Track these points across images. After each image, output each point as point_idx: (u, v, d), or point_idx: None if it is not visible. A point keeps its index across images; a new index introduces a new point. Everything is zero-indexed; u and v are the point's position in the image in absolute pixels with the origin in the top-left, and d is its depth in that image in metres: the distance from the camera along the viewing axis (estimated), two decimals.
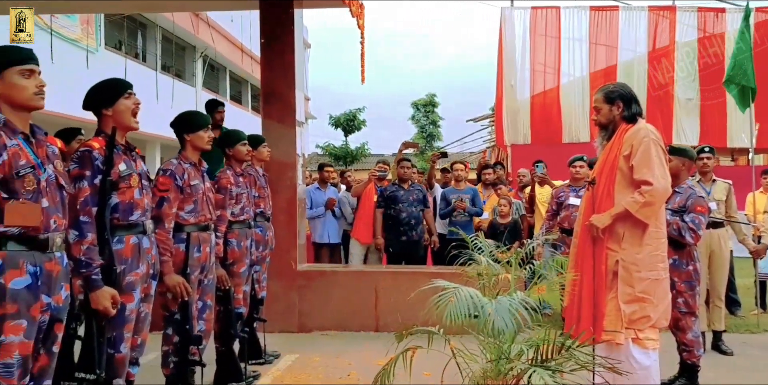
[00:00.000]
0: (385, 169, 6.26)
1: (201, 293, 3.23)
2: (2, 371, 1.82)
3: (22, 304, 1.85)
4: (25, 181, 1.88)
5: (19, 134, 1.94)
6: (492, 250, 3.38)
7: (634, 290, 2.92)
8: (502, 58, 8.78)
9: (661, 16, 8.66)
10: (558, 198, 5.11)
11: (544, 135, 8.78)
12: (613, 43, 8.74)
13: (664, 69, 8.62)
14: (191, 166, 3.15)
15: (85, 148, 2.44)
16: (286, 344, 4.57)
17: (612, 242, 2.98)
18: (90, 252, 2.32)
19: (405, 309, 4.78)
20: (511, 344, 2.36)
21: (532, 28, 8.81)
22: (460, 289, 2.44)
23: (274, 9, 5.22)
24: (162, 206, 2.91)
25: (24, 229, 1.88)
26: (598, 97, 3.15)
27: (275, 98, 5.21)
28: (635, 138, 2.98)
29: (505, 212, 5.76)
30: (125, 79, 2.64)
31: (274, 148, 4.63)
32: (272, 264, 4.50)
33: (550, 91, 8.82)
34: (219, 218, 3.45)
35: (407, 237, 5.72)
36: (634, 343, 2.94)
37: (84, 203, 2.36)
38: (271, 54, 5.25)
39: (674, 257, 3.55)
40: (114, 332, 2.46)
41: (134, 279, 2.52)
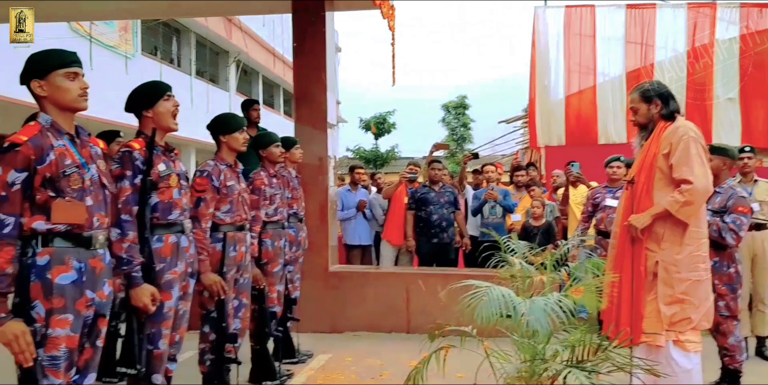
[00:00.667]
0: (415, 171, 6.27)
1: (237, 292, 3.29)
2: (49, 364, 1.89)
3: (68, 299, 1.92)
4: (71, 180, 1.95)
5: (65, 135, 2.01)
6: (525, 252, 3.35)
7: (674, 291, 2.87)
8: (535, 58, 8.67)
9: (700, 12, 8.42)
10: (594, 199, 5.02)
11: (579, 136, 8.63)
12: (650, 41, 8.53)
13: (703, 67, 8.38)
14: (227, 167, 3.21)
15: (126, 148, 2.51)
16: (319, 344, 4.61)
17: (651, 242, 2.93)
18: (131, 250, 2.39)
19: (437, 311, 4.78)
20: (546, 344, 2.33)
21: (567, 27, 8.67)
22: (492, 288, 2.42)
23: (306, 13, 5.28)
24: (199, 206, 2.97)
25: (69, 226, 1.94)
26: (635, 97, 3.09)
27: (307, 101, 5.27)
28: (674, 136, 2.93)
29: (538, 214, 5.69)
30: (165, 82, 2.71)
31: (306, 150, 4.69)
32: (305, 265, 4.55)
33: (586, 91, 8.66)
34: (253, 219, 3.50)
35: (438, 239, 5.70)
36: (675, 345, 2.88)
37: (125, 202, 2.43)
38: (303, 57, 5.31)
39: (715, 258, 3.45)
40: (153, 328, 2.52)
41: (173, 277, 2.57)
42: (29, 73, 2.00)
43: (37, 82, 1.99)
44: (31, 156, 1.89)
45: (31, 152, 1.88)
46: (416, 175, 6.23)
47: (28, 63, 2.01)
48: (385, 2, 5.56)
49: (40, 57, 2.01)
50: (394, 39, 6.18)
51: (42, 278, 1.89)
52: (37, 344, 1.87)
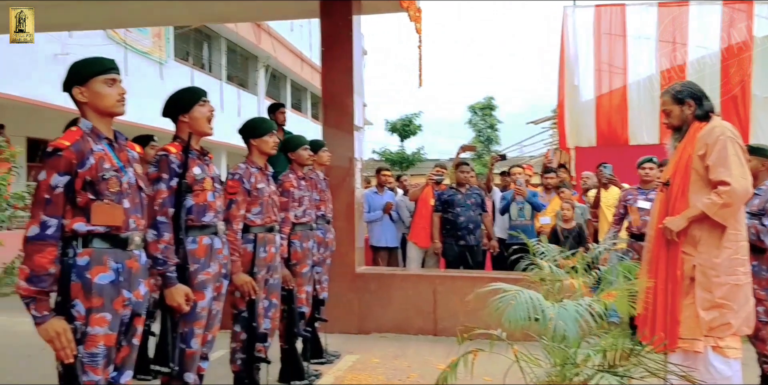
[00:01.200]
0: (442, 173, 6.27)
1: (267, 292, 3.34)
2: (89, 361, 1.95)
3: (106, 298, 1.97)
4: (109, 183, 2.01)
5: (104, 140, 2.08)
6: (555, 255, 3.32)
7: (713, 296, 2.80)
8: (564, 58, 8.58)
9: (736, 9, 8.21)
10: (625, 201, 4.95)
11: (609, 137, 8.49)
12: (683, 39, 8.35)
13: (739, 66, 8.17)
14: (258, 170, 3.27)
15: (163, 152, 2.58)
16: (346, 345, 4.64)
17: (688, 245, 2.87)
18: (167, 251, 2.45)
19: (464, 313, 4.78)
20: (577, 349, 2.31)
21: (596, 26, 8.55)
22: (520, 291, 2.41)
23: (334, 17, 5.33)
24: (231, 208, 3.03)
25: (108, 228, 2.00)
26: (666, 100, 3.03)
27: (334, 104, 5.32)
28: (710, 136, 2.86)
29: (568, 217, 5.62)
30: (201, 88, 2.77)
31: (333, 152, 4.73)
32: (332, 266, 4.58)
33: (616, 92, 8.52)
34: (283, 220, 3.55)
35: (465, 241, 5.68)
36: (714, 351, 2.81)
37: (162, 205, 2.49)
38: (330, 61, 5.36)
39: (754, 262, 3.32)
40: (186, 328, 2.57)
41: (206, 278, 2.63)
42: (71, 80, 2.07)
43: (78, 89, 2.06)
44: (72, 160, 1.95)
45: (73, 157, 1.95)
46: (443, 177, 6.22)
47: (70, 71, 2.08)
48: (412, 5, 5.58)
49: (81, 65, 2.08)
50: (420, 41, 6.20)
51: (82, 277, 1.95)
52: (77, 341, 1.93)
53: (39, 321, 1.89)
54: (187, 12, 6.39)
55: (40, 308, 1.89)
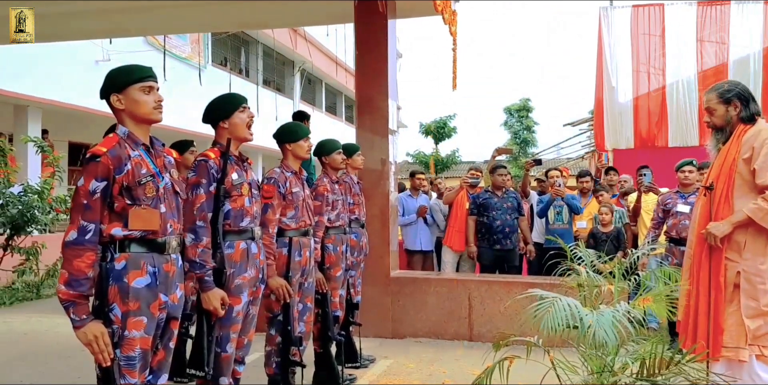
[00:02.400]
0: (477, 176, 6.21)
1: (301, 296, 3.36)
2: (125, 364, 1.98)
3: (143, 302, 2.01)
4: (146, 188, 2.05)
5: (140, 146, 2.12)
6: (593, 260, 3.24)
7: (759, 304, 2.71)
8: (602, 59, 8.45)
9: None
10: (665, 205, 4.82)
11: (648, 139, 8.31)
12: (724, 39, 8.12)
13: None
14: (292, 174, 3.29)
15: (202, 157, 2.63)
16: (380, 349, 4.63)
17: (732, 251, 2.78)
18: (204, 255, 2.49)
19: (500, 319, 4.72)
20: (614, 356, 2.25)
21: (634, 26, 8.39)
22: (558, 299, 2.37)
23: (369, 21, 5.34)
24: (267, 212, 3.06)
25: (145, 232, 2.05)
26: (711, 97, 2.93)
27: (369, 108, 5.32)
28: (756, 139, 2.77)
29: (606, 221, 5.49)
30: (241, 95, 2.81)
31: (367, 156, 4.74)
32: (366, 270, 4.58)
33: (655, 93, 8.33)
34: (316, 224, 3.57)
35: (501, 245, 5.62)
36: (758, 360, 2.72)
37: (200, 209, 2.53)
38: (365, 65, 5.38)
39: None
40: (221, 332, 2.61)
41: (242, 282, 2.66)
42: (108, 87, 2.12)
43: (116, 96, 2.10)
44: (110, 166, 1.99)
45: (110, 162, 1.99)
46: (478, 180, 6.17)
47: (108, 78, 2.13)
48: (447, 8, 5.55)
49: (119, 72, 2.13)
50: (455, 44, 6.15)
51: (119, 281, 1.99)
52: (114, 344, 1.96)
53: (77, 325, 1.93)
54: (224, 18, 6.50)
55: (78, 311, 1.93)
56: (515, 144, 25.04)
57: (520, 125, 26.09)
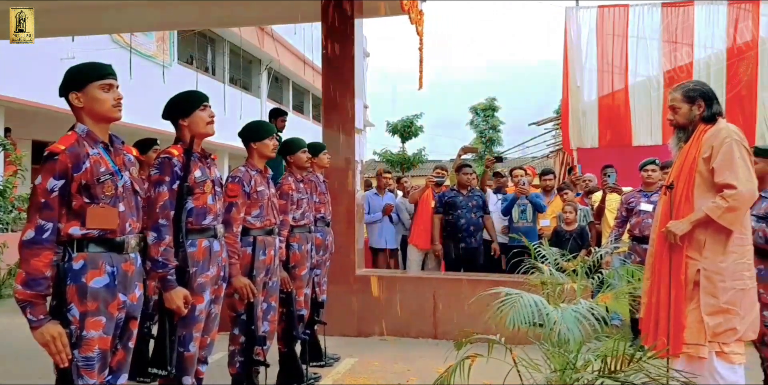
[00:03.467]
0: (442, 174, 6.25)
1: (266, 295, 3.33)
2: (83, 364, 1.94)
3: (101, 302, 1.97)
4: (105, 187, 2.01)
5: (99, 144, 2.08)
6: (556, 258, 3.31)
7: (718, 301, 2.75)
8: (568, 59, 8.56)
9: (742, 9, 8.16)
10: (628, 204, 4.89)
11: (612, 138, 8.47)
12: (688, 40, 8.30)
13: (746, 66, 8.11)
14: (257, 173, 3.27)
15: (165, 155, 2.58)
16: (346, 348, 4.63)
17: (692, 249, 2.81)
18: (167, 253, 2.45)
19: (464, 317, 4.77)
20: (577, 354, 2.28)
21: (599, 27, 8.53)
22: (523, 296, 2.40)
23: (335, 20, 5.33)
24: (231, 210, 3.02)
25: (103, 232, 2.00)
26: (676, 96, 2.96)
27: (335, 107, 5.32)
28: (716, 139, 2.81)
29: (570, 219, 5.59)
30: (202, 92, 2.77)
31: (333, 155, 4.73)
32: (332, 268, 4.58)
33: (619, 92, 8.49)
34: (281, 223, 3.55)
35: (466, 244, 5.67)
36: (718, 357, 2.76)
37: (163, 207, 2.49)
38: (331, 64, 5.37)
39: (760, 266, 3.28)
40: (184, 331, 2.57)
41: (205, 281, 2.63)
42: (68, 85, 2.07)
43: (75, 94, 2.06)
44: (68, 164, 1.95)
45: (68, 161, 1.95)
46: (443, 179, 6.20)
47: (67, 76, 2.09)
48: (413, 7, 5.58)
49: (78, 70, 2.08)
50: (422, 44, 6.19)
51: (77, 281, 1.95)
52: (72, 345, 1.92)
53: (34, 325, 1.88)
54: (191, 16, 6.41)
55: (35, 312, 1.88)
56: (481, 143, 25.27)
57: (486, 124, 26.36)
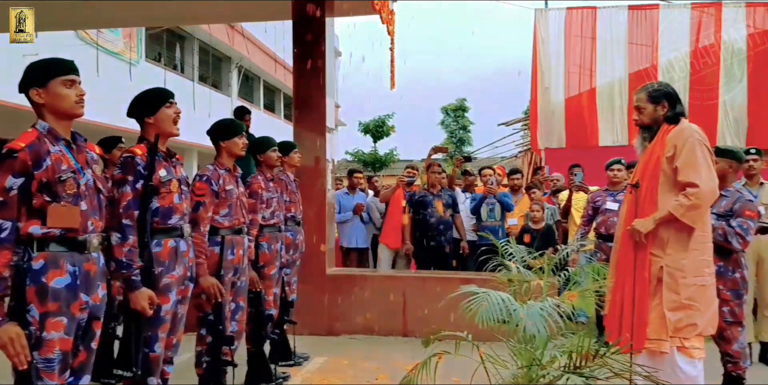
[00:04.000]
0: (413, 174, 6.28)
1: (234, 295, 3.31)
2: (44, 366, 1.90)
3: (62, 302, 1.93)
4: (66, 185, 1.97)
5: (61, 141, 2.03)
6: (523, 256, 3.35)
7: (680, 297, 2.82)
8: (536, 60, 8.67)
9: (705, 12, 8.36)
10: (594, 203, 4.98)
11: (579, 138, 8.60)
12: (653, 42, 8.48)
13: (708, 69, 8.34)
14: (226, 171, 3.24)
15: (129, 154, 2.53)
16: (315, 347, 4.62)
17: (656, 247, 2.88)
18: (131, 254, 2.41)
19: (434, 315, 4.80)
20: (543, 350, 2.32)
21: (567, 29, 8.64)
22: (491, 293, 2.42)
23: (307, 18, 5.31)
24: (198, 209, 2.99)
25: (64, 231, 1.96)
26: (641, 97, 3.02)
27: (306, 105, 5.30)
28: (679, 139, 2.88)
29: (538, 218, 5.68)
30: (168, 89, 2.73)
31: (304, 154, 4.72)
32: (302, 268, 4.56)
33: (586, 94, 8.63)
34: (251, 222, 3.52)
35: (436, 242, 5.71)
36: (679, 352, 2.84)
37: (126, 207, 2.45)
38: (303, 62, 5.34)
39: (720, 263, 3.39)
40: (150, 332, 2.53)
41: (171, 281, 2.59)
42: (29, 81, 2.03)
43: (36, 90, 2.02)
44: (28, 162, 1.91)
45: (28, 158, 1.91)
46: (414, 178, 6.24)
47: (27, 72, 2.04)
48: (384, 7, 5.59)
49: (40, 66, 2.04)
50: (393, 43, 6.20)
51: (37, 281, 1.90)
52: (31, 346, 1.88)
53: None
54: (159, 13, 6.30)
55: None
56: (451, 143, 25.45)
57: (456, 125, 26.56)
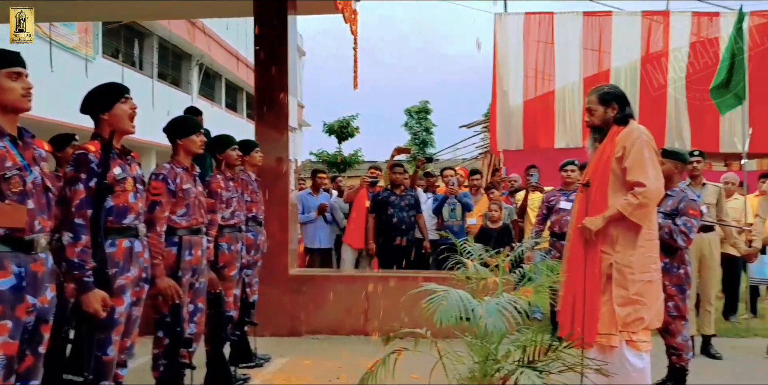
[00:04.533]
0: (376, 175, 6.31)
1: (192, 296, 3.25)
2: None
3: (6, 305, 1.86)
4: (12, 183, 1.90)
5: (6, 136, 1.96)
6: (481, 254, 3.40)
7: (628, 293, 2.91)
8: (496, 64, 8.82)
9: (654, 20, 8.69)
10: (549, 202, 5.12)
11: (536, 140, 8.81)
12: (606, 48, 8.75)
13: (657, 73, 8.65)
14: (183, 170, 3.18)
15: (81, 151, 2.46)
16: (277, 348, 4.59)
17: (605, 244, 2.97)
18: (83, 254, 2.34)
19: (396, 313, 4.82)
20: (498, 345, 2.37)
21: (526, 33, 8.84)
22: (450, 291, 2.45)
23: (269, 16, 5.28)
24: (154, 209, 2.93)
25: (9, 230, 1.90)
26: (593, 99, 3.11)
27: (268, 104, 5.26)
28: (627, 140, 2.97)
29: (496, 217, 5.78)
30: (123, 84, 2.67)
31: (266, 153, 4.68)
32: (264, 268, 4.52)
33: (543, 97, 8.84)
34: (210, 222, 3.47)
35: (399, 242, 5.73)
36: (627, 345, 2.93)
37: (79, 206, 2.38)
38: (264, 60, 5.30)
39: (665, 260, 3.51)
40: (102, 334, 2.46)
41: (125, 282, 2.53)
42: None
43: None
44: None
45: None
46: (377, 179, 6.26)
47: None
48: (347, 7, 5.58)
49: None
50: (356, 43, 6.20)
51: None
52: None
53: None
54: (116, 7, 6.15)
55: None
56: (414, 145, 25.60)
57: (419, 126, 26.75)
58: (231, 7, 6.01)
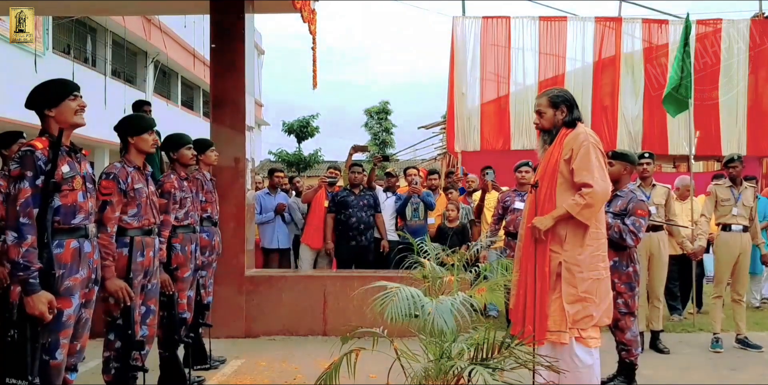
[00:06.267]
0: (335, 175, 6.30)
1: (144, 298, 3.18)
2: None
3: None
4: None
5: None
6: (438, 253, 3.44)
7: (577, 291, 2.98)
8: (454, 66, 8.91)
9: (607, 26, 8.94)
10: (504, 202, 5.23)
11: (493, 142, 8.96)
12: (561, 52, 8.95)
13: (609, 78, 8.91)
14: (135, 169, 3.12)
15: (28, 147, 2.38)
16: (233, 349, 4.54)
17: (554, 243, 3.04)
18: (29, 255, 2.27)
19: (353, 313, 4.83)
20: (452, 343, 2.40)
21: (483, 37, 8.96)
22: (401, 289, 2.48)
23: (225, 14, 5.21)
24: (105, 209, 2.86)
25: None
26: (542, 101, 3.18)
27: (225, 103, 5.19)
28: (575, 142, 3.05)
29: (453, 217, 5.86)
30: (72, 81, 2.59)
31: (223, 152, 4.62)
32: (220, 269, 4.46)
33: (500, 100, 8.99)
34: (162, 223, 3.40)
35: (357, 242, 5.75)
36: (577, 342, 3.00)
37: (24, 205, 2.30)
38: (221, 58, 5.24)
39: (615, 258, 3.63)
40: (50, 338, 2.39)
41: (73, 284, 2.47)
42: None
43: None
44: None
45: None
46: (336, 179, 6.25)
47: None
48: (306, 6, 5.56)
49: None
50: (315, 42, 6.19)
51: None
52: None
53: None
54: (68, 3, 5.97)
55: None
56: (374, 145, 25.65)
57: (379, 127, 26.82)
58: (187, 5, 5.92)
